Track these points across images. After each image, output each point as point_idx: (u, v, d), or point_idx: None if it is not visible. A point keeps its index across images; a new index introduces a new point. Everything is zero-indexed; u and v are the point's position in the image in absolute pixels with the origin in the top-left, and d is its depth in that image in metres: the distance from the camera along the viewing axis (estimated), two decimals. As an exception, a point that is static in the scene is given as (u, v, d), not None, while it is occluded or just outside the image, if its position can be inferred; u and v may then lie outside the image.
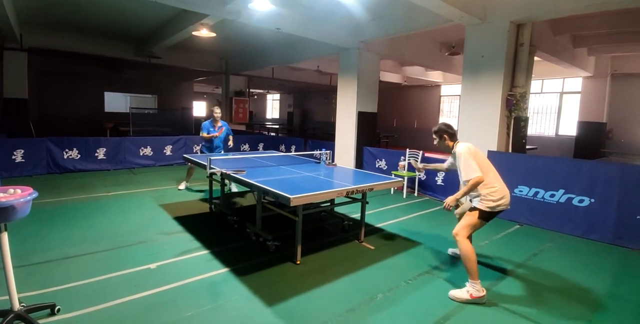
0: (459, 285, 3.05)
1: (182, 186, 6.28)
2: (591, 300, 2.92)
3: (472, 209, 2.98)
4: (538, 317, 2.60)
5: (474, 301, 2.74)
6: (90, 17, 7.83)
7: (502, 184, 2.97)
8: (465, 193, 2.86)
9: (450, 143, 3.12)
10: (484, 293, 2.76)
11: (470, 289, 2.76)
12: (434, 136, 3.18)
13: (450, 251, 3.79)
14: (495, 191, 2.88)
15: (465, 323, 2.51)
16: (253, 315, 2.50)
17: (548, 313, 2.67)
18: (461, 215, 3.31)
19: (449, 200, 2.88)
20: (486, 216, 2.91)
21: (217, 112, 5.92)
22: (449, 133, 3.12)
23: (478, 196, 2.92)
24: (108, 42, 10.15)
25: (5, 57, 8.38)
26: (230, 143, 6.18)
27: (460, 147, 2.97)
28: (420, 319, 2.54)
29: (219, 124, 6.00)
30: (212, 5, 5.38)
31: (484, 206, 2.88)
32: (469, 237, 3.00)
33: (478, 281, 2.78)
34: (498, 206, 2.88)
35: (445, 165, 3.50)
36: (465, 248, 2.83)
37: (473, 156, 2.89)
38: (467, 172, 2.83)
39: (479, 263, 3.50)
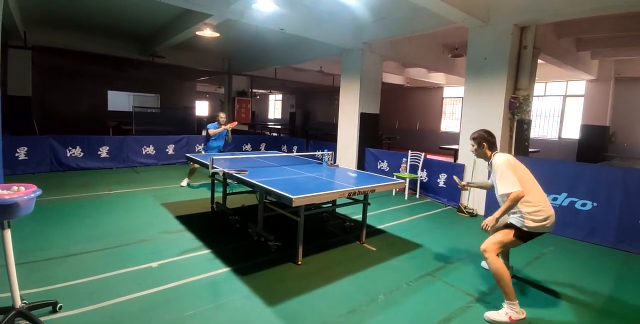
0: (461, 288, 3.05)
1: (184, 183, 6.45)
2: (593, 304, 2.91)
3: (509, 225, 2.72)
4: (539, 320, 2.59)
5: None
6: (95, 15, 7.85)
7: (548, 203, 2.70)
8: (506, 211, 2.58)
9: (489, 152, 2.87)
10: (524, 315, 2.52)
11: (509, 312, 2.51)
12: (472, 143, 2.93)
13: (484, 263, 3.45)
14: (539, 211, 2.61)
15: (466, 326, 2.51)
16: (254, 315, 2.50)
17: (549, 316, 2.67)
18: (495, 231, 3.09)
19: (488, 221, 2.58)
20: (524, 236, 2.66)
21: (222, 116, 6.39)
22: (489, 141, 2.86)
23: (518, 213, 2.66)
24: (112, 41, 10.18)
25: (10, 54, 8.41)
26: (229, 139, 6.58)
27: (498, 158, 2.73)
28: (421, 321, 2.53)
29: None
30: (216, 5, 5.40)
31: (522, 224, 2.63)
32: (506, 256, 2.78)
33: (516, 302, 2.53)
34: (540, 227, 2.61)
35: (489, 181, 3.15)
36: (495, 266, 2.56)
37: (513, 169, 2.64)
38: (504, 186, 2.58)
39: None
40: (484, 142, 2.87)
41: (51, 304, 2.38)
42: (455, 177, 3.47)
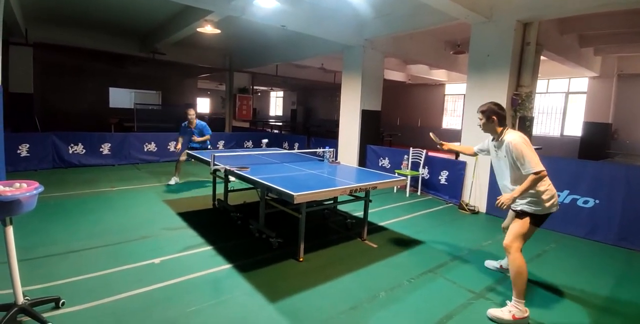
0: (462, 285, 3.05)
1: (172, 182, 6.30)
2: (594, 302, 2.90)
3: (521, 214, 2.64)
4: (541, 318, 2.59)
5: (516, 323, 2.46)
6: (95, 12, 7.83)
7: (550, 181, 2.63)
8: (526, 190, 2.46)
9: (499, 128, 2.68)
10: (527, 313, 2.48)
11: (513, 310, 2.48)
12: (480, 116, 2.73)
13: (488, 263, 3.43)
14: (546, 190, 2.56)
15: (468, 323, 2.51)
16: (256, 311, 2.51)
17: (550, 314, 2.67)
18: (508, 226, 3.04)
19: (505, 199, 2.50)
20: (538, 221, 2.62)
21: (191, 114, 6.24)
22: (499, 115, 2.66)
23: (528, 196, 2.58)
24: (113, 38, 10.15)
25: (11, 51, 8.41)
26: (205, 138, 6.31)
27: (513, 136, 2.56)
28: (423, 317, 2.54)
29: (194, 124, 6.27)
30: (217, 1, 5.37)
31: (534, 208, 2.58)
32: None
33: (523, 301, 2.50)
34: (550, 206, 2.57)
35: (474, 149, 3.13)
36: (519, 262, 2.52)
37: (530, 147, 2.50)
38: (530, 165, 2.42)
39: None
40: (494, 115, 2.67)
41: (54, 301, 2.39)
42: (431, 134, 3.40)
